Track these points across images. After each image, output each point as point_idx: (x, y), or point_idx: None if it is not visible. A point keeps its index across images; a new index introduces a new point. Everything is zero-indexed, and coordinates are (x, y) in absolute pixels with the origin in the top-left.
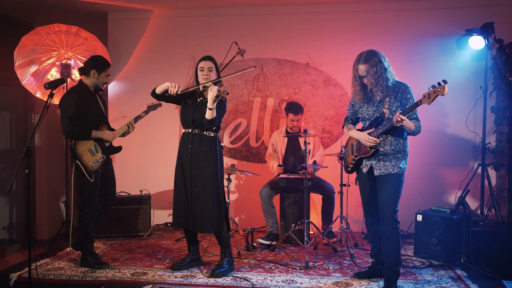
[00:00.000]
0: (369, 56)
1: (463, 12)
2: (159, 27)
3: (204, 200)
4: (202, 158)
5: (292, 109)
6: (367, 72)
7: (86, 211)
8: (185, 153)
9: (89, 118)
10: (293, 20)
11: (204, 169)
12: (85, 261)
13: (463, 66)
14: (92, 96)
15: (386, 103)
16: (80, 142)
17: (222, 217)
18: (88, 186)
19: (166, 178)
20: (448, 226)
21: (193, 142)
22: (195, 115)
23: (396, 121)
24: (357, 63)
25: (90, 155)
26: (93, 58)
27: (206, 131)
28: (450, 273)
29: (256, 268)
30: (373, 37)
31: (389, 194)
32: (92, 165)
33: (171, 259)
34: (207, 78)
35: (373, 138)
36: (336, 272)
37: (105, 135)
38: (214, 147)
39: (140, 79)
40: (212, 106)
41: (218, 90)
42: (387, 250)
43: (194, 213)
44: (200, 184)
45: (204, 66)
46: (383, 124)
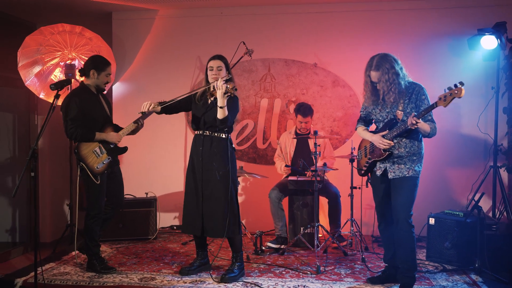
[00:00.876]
0: (380, 62)
1: (474, 12)
2: (164, 27)
3: (216, 204)
4: (213, 160)
5: (301, 110)
6: (379, 79)
7: (92, 215)
8: (196, 156)
9: (92, 120)
10: (300, 20)
11: (216, 171)
12: (91, 265)
13: (475, 66)
14: (94, 98)
15: (400, 105)
16: (83, 144)
17: (235, 221)
18: (93, 189)
19: (171, 180)
20: (462, 229)
21: (204, 144)
22: (206, 116)
23: (411, 123)
24: (369, 69)
25: (95, 157)
26: (92, 58)
27: (218, 132)
28: (465, 278)
29: (266, 273)
30: (382, 37)
31: (403, 198)
32: (98, 166)
33: (179, 263)
34: (216, 77)
35: (387, 140)
36: (348, 277)
37: (110, 137)
38: (225, 149)
39: (145, 80)
40: (223, 104)
41: (226, 87)
42: (402, 255)
43: (205, 218)
44: (211, 187)
45: (213, 65)
46: (398, 127)
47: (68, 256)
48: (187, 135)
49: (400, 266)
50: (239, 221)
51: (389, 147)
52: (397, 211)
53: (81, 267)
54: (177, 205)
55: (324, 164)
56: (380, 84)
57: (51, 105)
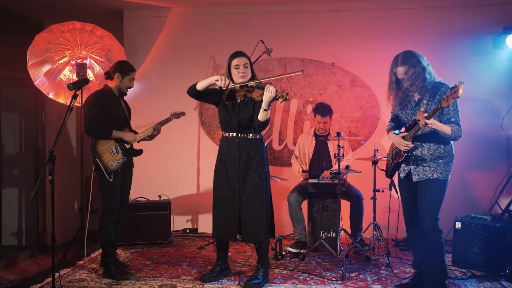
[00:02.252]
0: (406, 57)
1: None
2: (178, 25)
3: (255, 207)
4: (252, 162)
5: (319, 110)
6: (405, 73)
7: (105, 213)
8: (231, 159)
9: (111, 119)
10: (317, 18)
11: (255, 174)
12: (108, 270)
13: (499, 66)
14: (116, 100)
15: (423, 105)
16: (100, 141)
17: (270, 223)
18: (107, 187)
19: (184, 182)
20: (491, 234)
21: (240, 147)
22: (240, 118)
23: (423, 125)
24: (395, 66)
25: (110, 155)
26: (119, 62)
27: (253, 133)
28: (496, 285)
29: (290, 279)
30: (401, 36)
31: (428, 202)
32: (112, 164)
33: (198, 269)
34: (244, 75)
35: (406, 142)
36: (375, 284)
37: (127, 136)
38: (261, 149)
39: (157, 79)
40: (268, 107)
41: (277, 91)
42: (431, 262)
43: (245, 222)
44: (250, 191)
45: (239, 63)
46: (414, 128)
47: (82, 261)
48: (200, 136)
49: (430, 272)
50: (273, 223)
51: (408, 149)
52: (422, 216)
53: (97, 273)
54: (189, 208)
55: (346, 167)
56: (405, 79)
57: (69, 105)
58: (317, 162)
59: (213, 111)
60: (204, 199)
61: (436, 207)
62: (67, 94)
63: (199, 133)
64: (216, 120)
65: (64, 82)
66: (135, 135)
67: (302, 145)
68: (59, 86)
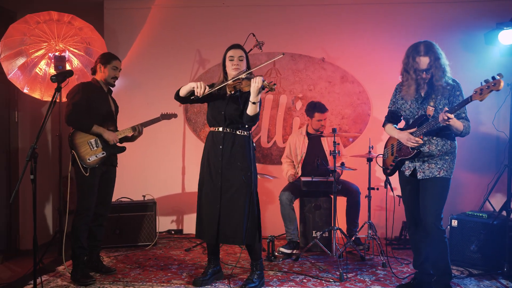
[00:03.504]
0: (430, 46)
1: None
2: (161, 17)
3: (236, 208)
4: (236, 160)
5: (318, 107)
6: (430, 65)
7: (79, 211)
8: (214, 155)
9: (96, 113)
10: (307, 12)
11: (241, 172)
12: (74, 273)
13: (491, 62)
14: (103, 94)
15: (432, 100)
16: (80, 133)
17: (255, 227)
18: (82, 182)
19: (168, 181)
20: (488, 232)
21: (224, 142)
22: (227, 111)
23: (443, 119)
24: (417, 55)
25: (89, 148)
26: (100, 54)
27: (240, 129)
28: (496, 283)
29: (287, 282)
30: (392, 32)
31: (433, 200)
32: (89, 158)
33: (188, 272)
34: (237, 68)
35: (416, 138)
36: (374, 285)
37: (107, 134)
38: (248, 148)
39: (139, 74)
40: (257, 100)
41: (263, 81)
42: (435, 262)
43: (223, 223)
44: (232, 190)
45: (234, 55)
46: (428, 123)
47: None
48: (186, 134)
49: (434, 272)
50: (260, 226)
51: (417, 145)
52: (426, 214)
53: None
54: (174, 208)
55: (342, 164)
56: (432, 69)
57: (52, 99)
58: (311, 162)
59: (199, 107)
60: (190, 198)
61: (440, 206)
62: (43, 89)
63: (184, 130)
64: (202, 116)
65: (40, 77)
66: (115, 135)
67: (293, 145)
68: (35, 81)
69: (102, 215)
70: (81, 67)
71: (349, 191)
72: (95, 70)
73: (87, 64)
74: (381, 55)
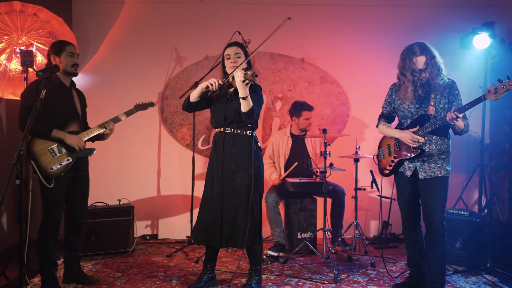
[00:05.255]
0: (424, 47)
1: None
2: (136, 13)
3: (237, 210)
4: (236, 161)
5: (304, 106)
6: (427, 64)
7: (45, 225)
8: (216, 156)
9: (55, 113)
10: (287, 12)
11: (237, 173)
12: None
13: (466, 65)
14: (63, 89)
15: (432, 100)
16: (38, 140)
17: (256, 229)
18: (47, 194)
19: (142, 184)
20: (472, 230)
21: (225, 143)
22: (226, 110)
23: (451, 118)
24: (413, 56)
25: (50, 156)
26: (49, 46)
27: (241, 129)
28: (481, 278)
29: (282, 285)
30: (369, 34)
31: (438, 199)
32: (52, 168)
33: (177, 279)
34: (235, 66)
35: (418, 137)
36: (370, 285)
37: (69, 139)
38: (249, 148)
39: (112, 72)
40: (245, 94)
41: (245, 74)
42: (435, 260)
43: (225, 226)
44: (232, 192)
45: (230, 52)
46: (433, 122)
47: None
48: (161, 135)
49: (432, 271)
50: (260, 229)
51: (419, 145)
52: (431, 213)
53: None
54: (149, 213)
55: (331, 164)
56: (429, 69)
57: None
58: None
59: (176, 108)
60: (166, 202)
61: (445, 204)
62: (3, 86)
63: (160, 131)
64: (179, 116)
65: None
66: (80, 139)
67: (276, 146)
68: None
69: (79, 223)
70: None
71: (334, 192)
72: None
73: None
74: (360, 56)
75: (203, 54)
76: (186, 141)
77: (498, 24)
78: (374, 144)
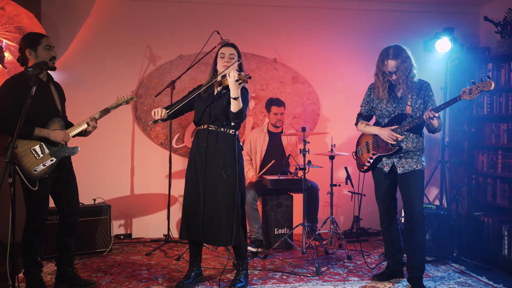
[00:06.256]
0: (398, 51)
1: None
2: (108, 9)
3: (220, 208)
4: (220, 158)
5: (274, 101)
6: (397, 67)
7: (30, 227)
8: (199, 153)
9: (33, 112)
10: (260, 12)
11: (223, 170)
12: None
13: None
14: (42, 85)
15: (409, 100)
16: (19, 141)
17: (239, 226)
18: (31, 196)
19: (116, 183)
20: (440, 222)
21: (208, 140)
22: (212, 108)
23: (428, 117)
24: (386, 59)
25: (33, 157)
26: (22, 39)
27: (225, 127)
28: (450, 267)
29: (268, 279)
30: (338, 36)
31: (417, 191)
32: (36, 169)
33: (162, 277)
34: (227, 65)
35: (397, 134)
36: (351, 276)
37: (54, 135)
38: (233, 147)
39: (83, 69)
40: (237, 95)
41: (239, 74)
42: (416, 249)
43: (207, 223)
44: (216, 189)
45: (225, 52)
46: (410, 121)
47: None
48: (134, 133)
49: (413, 259)
50: (245, 225)
51: (398, 142)
52: (413, 204)
53: None
54: (122, 212)
55: (309, 162)
56: (397, 73)
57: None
58: (270, 159)
59: (149, 106)
60: (139, 201)
61: (422, 196)
62: None
63: (133, 129)
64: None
65: None
66: (65, 133)
67: (254, 142)
68: None
69: (72, 223)
70: (13, 59)
71: (309, 188)
72: (24, 59)
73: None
74: (329, 57)
75: (177, 53)
76: (160, 139)
77: (457, 30)
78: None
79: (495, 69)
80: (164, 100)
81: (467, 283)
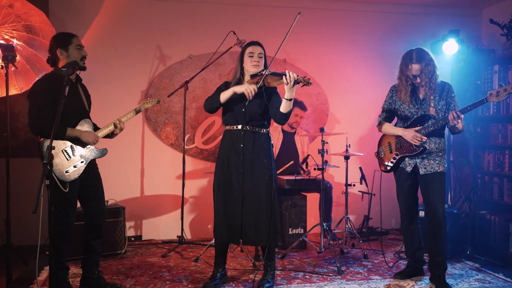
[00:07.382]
0: (421, 54)
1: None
2: (117, 9)
3: (260, 208)
4: (259, 158)
5: (299, 104)
6: (421, 71)
7: (58, 229)
8: (235, 154)
9: (66, 112)
10: (269, 13)
11: (264, 170)
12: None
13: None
14: (72, 86)
15: (432, 101)
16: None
17: (276, 226)
18: (61, 199)
19: (125, 185)
20: (453, 221)
21: (245, 140)
22: (249, 109)
23: (453, 118)
24: (410, 63)
25: (65, 158)
26: (52, 38)
27: (260, 127)
28: (464, 265)
29: (292, 279)
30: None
31: (439, 192)
32: (67, 171)
33: (185, 278)
34: (257, 65)
35: (421, 135)
36: (372, 275)
37: (85, 136)
38: (268, 145)
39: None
40: (292, 96)
41: (298, 76)
42: (439, 248)
43: (248, 223)
44: (255, 189)
45: (254, 51)
46: (435, 122)
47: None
48: (145, 134)
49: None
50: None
51: (422, 143)
52: (434, 205)
53: None
54: (132, 213)
55: (326, 162)
56: (421, 76)
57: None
58: (283, 158)
59: (160, 106)
60: (149, 202)
61: (444, 197)
62: None
63: (143, 130)
64: (163, 116)
65: None
66: (96, 135)
67: None
68: None
69: (99, 225)
70: (20, 59)
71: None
72: (55, 59)
73: (28, 57)
74: (338, 59)
75: (187, 53)
76: (171, 140)
77: (461, 32)
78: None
79: (502, 71)
80: (174, 100)
81: (486, 280)
